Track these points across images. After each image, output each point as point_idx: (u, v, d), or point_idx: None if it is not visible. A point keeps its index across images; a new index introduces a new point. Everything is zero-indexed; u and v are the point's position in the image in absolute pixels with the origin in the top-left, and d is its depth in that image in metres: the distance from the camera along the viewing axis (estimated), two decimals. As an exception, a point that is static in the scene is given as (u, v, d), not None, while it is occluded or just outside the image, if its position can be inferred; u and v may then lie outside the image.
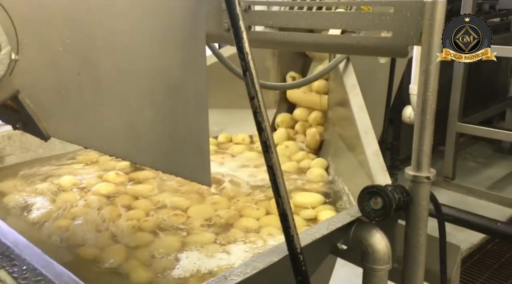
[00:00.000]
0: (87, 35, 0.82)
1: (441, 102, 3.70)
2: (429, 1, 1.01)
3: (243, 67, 0.95)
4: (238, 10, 0.94)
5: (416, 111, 1.07)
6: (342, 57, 1.60)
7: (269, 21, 1.27)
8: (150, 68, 0.91)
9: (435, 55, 1.05)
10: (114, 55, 0.86)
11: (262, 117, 0.94)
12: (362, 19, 1.14)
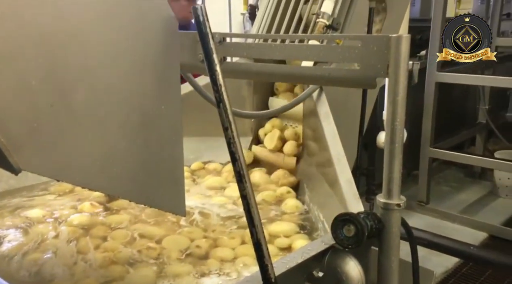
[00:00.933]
0: (62, 67, 0.83)
1: (415, 127, 3.82)
2: (394, 36, 1.06)
3: (216, 99, 0.98)
4: (212, 43, 0.97)
5: (385, 140, 1.11)
6: (315, 86, 1.65)
7: (244, 53, 1.31)
8: (125, 99, 0.92)
9: (402, 87, 1.09)
10: (89, 86, 0.87)
11: (235, 147, 0.96)
12: (332, 52, 1.18)
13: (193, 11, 0.97)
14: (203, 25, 0.96)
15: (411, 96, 4.11)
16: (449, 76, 3.60)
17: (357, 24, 1.93)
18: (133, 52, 0.97)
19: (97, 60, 0.90)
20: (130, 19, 0.96)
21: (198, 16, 0.97)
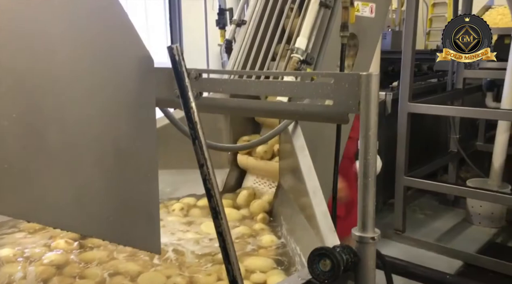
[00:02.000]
0: (36, 108, 0.83)
1: (390, 156, 3.90)
2: (364, 74, 1.10)
3: (192, 136, 0.99)
4: (187, 82, 0.99)
5: (359, 175, 1.13)
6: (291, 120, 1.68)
7: (219, 88, 1.33)
8: (99, 137, 0.93)
9: (373, 122, 1.12)
10: (63, 125, 0.87)
11: (211, 184, 0.97)
12: (306, 88, 1.22)
13: (168, 51, 1.00)
14: (179, 64, 0.99)
15: (385, 126, 4.23)
16: (420, 107, 3.71)
17: (330, 59, 1.99)
18: (108, 90, 0.98)
19: (72, 100, 0.90)
20: (106, 58, 0.98)
21: (173, 56, 0.99)
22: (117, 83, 1.00)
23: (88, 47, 0.95)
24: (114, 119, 0.97)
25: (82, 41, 0.93)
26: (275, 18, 2.05)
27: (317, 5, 1.87)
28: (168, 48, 0.98)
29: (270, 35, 2.03)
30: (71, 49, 0.91)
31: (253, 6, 2.14)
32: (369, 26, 2.24)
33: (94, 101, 0.94)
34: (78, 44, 0.93)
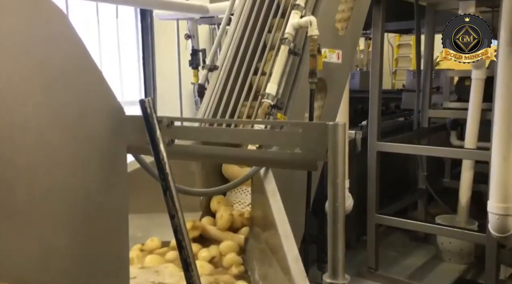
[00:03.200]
0: (4, 159, 0.83)
1: (361, 193, 3.96)
2: (331, 124, 1.15)
3: (163, 187, 1.00)
4: (159, 134, 1.01)
5: (328, 222, 1.16)
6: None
7: (191, 136, 1.35)
8: (68, 192, 0.92)
9: (341, 170, 1.16)
10: (30, 182, 0.87)
11: (182, 235, 0.97)
12: (275, 137, 1.25)
13: (140, 104, 1.02)
14: (150, 117, 1.01)
15: (356, 164, 4.29)
16: (388, 146, 3.82)
17: (300, 103, 2.06)
18: (79, 143, 0.98)
19: (41, 152, 0.90)
20: (76, 110, 0.99)
21: (145, 109, 1.01)
22: (88, 135, 1.01)
23: (59, 99, 0.96)
24: (84, 171, 0.97)
25: (52, 94, 0.94)
26: (246, 63, 2.12)
27: (286, 52, 1.95)
28: (140, 101, 1.00)
29: (242, 80, 2.08)
30: (41, 101, 0.92)
31: (225, 52, 2.21)
32: (336, 71, 2.33)
33: (64, 153, 0.94)
34: (49, 96, 0.94)
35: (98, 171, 1.00)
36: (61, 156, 0.94)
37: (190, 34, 5.32)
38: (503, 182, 2.79)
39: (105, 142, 1.05)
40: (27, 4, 0.86)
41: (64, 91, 0.96)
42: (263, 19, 2.18)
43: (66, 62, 0.97)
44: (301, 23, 1.93)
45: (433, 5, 4.51)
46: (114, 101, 1.07)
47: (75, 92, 0.99)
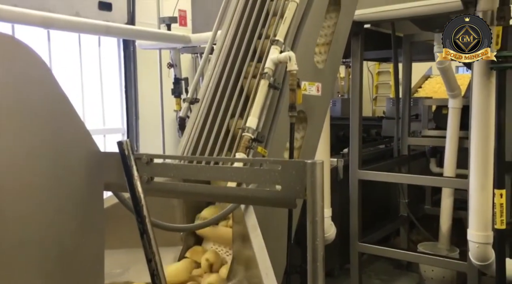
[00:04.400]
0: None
1: (344, 221, 3.96)
2: (309, 162, 1.16)
3: (140, 230, 0.99)
4: (136, 176, 1.01)
5: (308, 260, 1.15)
6: (243, 198, 1.70)
7: (171, 173, 1.34)
8: (42, 237, 0.90)
9: (320, 208, 1.16)
10: (3, 227, 0.85)
11: (159, 279, 0.95)
12: (255, 174, 1.25)
13: (118, 146, 1.02)
14: (128, 158, 1.00)
15: (338, 191, 4.31)
16: (370, 174, 3.86)
17: (280, 136, 2.07)
18: (53, 187, 0.97)
19: (14, 199, 0.88)
20: (51, 153, 0.98)
21: (123, 151, 1.01)
22: (63, 178, 1.00)
23: (34, 142, 0.95)
24: (60, 214, 0.96)
25: (28, 136, 0.93)
26: (227, 97, 2.14)
27: (267, 86, 1.98)
28: (118, 143, 1.00)
29: (222, 114, 2.10)
30: (16, 144, 0.91)
31: (206, 84, 2.23)
32: (316, 103, 2.36)
33: (39, 197, 0.93)
34: (24, 138, 0.93)
35: (73, 213, 0.98)
36: (36, 199, 0.92)
37: (173, 63, 5.36)
38: (482, 211, 2.83)
39: (81, 184, 1.04)
40: (6, 50, 0.86)
41: (40, 133, 0.96)
42: (244, 51, 2.21)
43: (44, 105, 0.96)
44: (280, 58, 1.97)
45: (409, 36, 4.66)
46: (90, 141, 1.07)
47: (51, 134, 0.98)
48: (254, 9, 2.24)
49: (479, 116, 2.81)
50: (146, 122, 6.99)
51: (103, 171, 1.16)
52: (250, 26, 2.22)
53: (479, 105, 2.81)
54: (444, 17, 3.53)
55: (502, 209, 2.69)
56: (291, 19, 2.08)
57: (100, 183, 1.12)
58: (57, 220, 0.95)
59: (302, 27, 2.18)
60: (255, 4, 2.25)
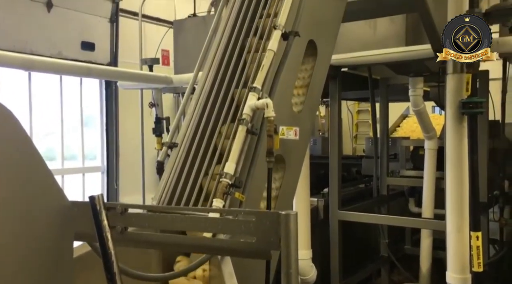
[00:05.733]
0: None
1: (325, 261, 3.93)
2: (283, 214, 1.17)
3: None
4: (107, 231, 1.00)
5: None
6: (219, 245, 1.68)
7: (145, 223, 1.33)
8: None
9: (294, 260, 1.16)
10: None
11: None
12: (229, 225, 1.26)
13: (90, 200, 1.01)
14: (100, 214, 1.00)
15: (319, 231, 4.29)
16: (350, 215, 3.87)
17: (258, 181, 2.08)
18: (21, 241, 0.96)
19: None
20: (19, 207, 0.97)
21: (94, 205, 1.00)
22: (32, 232, 0.99)
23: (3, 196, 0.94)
24: (27, 264, 0.94)
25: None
26: (206, 140, 2.16)
27: (244, 132, 2.00)
28: (90, 198, 1.00)
29: (201, 157, 2.11)
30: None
31: (185, 129, 2.25)
32: (294, 147, 2.39)
33: (6, 253, 0.92)
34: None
35: (41, 263, 0.97)
36: (3, 251, 0.91)
37: (154, 102, 5.39)
38: (459, 253, 2.86)
39: (49, 234, 1.03)
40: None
41: (9, 185, 0.95)
42: (222, 97, 2.25)
43: (13, 158, 0.97)
44: (258, 105, 2.00)
45: (385, 79, 4.81)
46: (58, 192, 1.06)
47: (19, 187, 0.98)
48: (233, 57, 2.30)
49: (453, 160, 2.88)
50: (126, 161, 6.94)
51: (73, 221, 1.15)
52: (228, 73, 2.27)
53: (453, 149, 2.88)
54: (417, 63, 3.69)
55: (478, 252, 2.72)
56: (268, 66, 2.14)
57: (70, 233, 1.11)
58: (25, 269, 0.93)
59: (280, 74, 2.23)
60: (234, 51, 2.32)
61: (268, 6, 2.40)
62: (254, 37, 2.32)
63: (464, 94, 2.83)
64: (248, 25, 2.36)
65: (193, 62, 3.55)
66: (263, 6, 2.40)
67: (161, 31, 7.24)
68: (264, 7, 2.40)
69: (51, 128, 6.47)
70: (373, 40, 3.72)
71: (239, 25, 2.37)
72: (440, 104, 4.35)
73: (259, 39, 2.31)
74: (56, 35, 5.79)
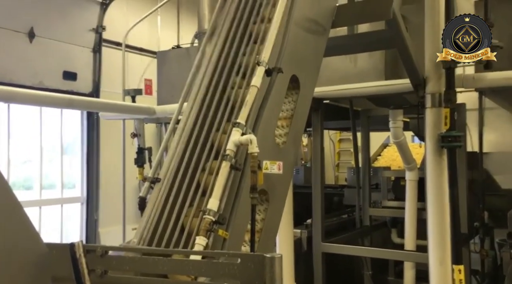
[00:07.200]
0: None
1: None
2: (268, 256, 1.16)
3: None
4: (87, 280, 0.97)
5: None
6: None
7: (126, 267, 1.30)
8: None
9: (278, 304, 1.15)
10: None
11: None
12: (213, 268, 1.24)
13: (70, 248, 0.99)
14: (79, 262, 0.97)
15: (302, 263, 4.25)
16: (333, 247, 3.85)
17: (242, 217, 2.06)
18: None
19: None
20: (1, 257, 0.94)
21: (74, 253, 0.98)
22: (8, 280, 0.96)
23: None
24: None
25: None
26: (189, 175, 2.14)
27: (228, 167, 2.00)
28: (70, 245, 0.97)
29: (184, 193, 2.08)
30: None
31: (168, 164, 2.23)
32: (278, 181, 2.39)
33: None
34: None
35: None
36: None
37: (136, 132, 5.36)
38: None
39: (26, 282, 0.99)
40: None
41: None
42: (206, 133, 2.25)
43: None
44: (241, 141, 2.01)
45: (366, 110, 4.90)
46: (36, 238, 1.04)
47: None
48: (216, 93, 2.31)
49: (434, 193, 2.92)
50: (107, 191, 6.82)
51: (50, 265, 1.12)
52: (212, 109, 2.28)
53: (433, 182, 2.92)
54: (397, 96, 3.77)
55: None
56: (252, 102, 2.16)
57: (47, 277, 1.07)
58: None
59: (263, 109, 2.25)
60: (217, 88, 2.33)
61: (251, 42, 2.45)
62: (237, 75, 2.35)
63: (443, 128, 2.89)
64: (231, 62, 2.39)
65: (176, 92, 3.56)
66: (246, 43, 2.44)
67: (144, 61, 7.29)
68: (247, 44, 2.44)
69: (28, 155, 6.34)
70: (354, 73, 3.81)
71: (222, 62, 2.39)
72: (420, 135, 4.44)
73: (242, 76, 2.34)
74: (37, 64, 5.76)
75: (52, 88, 5.71)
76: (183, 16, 6.71)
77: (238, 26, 2.52)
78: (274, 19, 2.29)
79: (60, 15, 6.06)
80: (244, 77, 2.34)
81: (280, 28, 2.31)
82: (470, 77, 3.22)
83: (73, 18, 6.29)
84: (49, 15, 5.90)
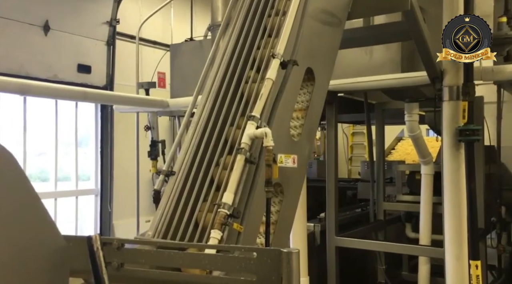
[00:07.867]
0: None
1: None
2: (285, 251, 1.14)
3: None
4: (104, 273, 0.97)
5: None
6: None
7: (142, 260, 1.30)
8: None
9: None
10: None
11: None
12: (229, 262, 1.23)
13: (87, 240, 0.98)
14: (97, 255, 0.97)
15: (316, 257, 4.23)
16: (347, 241, 3.83)
17: (257, 211, 2.05)
18: (14, 276, 0.93)
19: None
20: (14, 246, 0.94)
21: (92, 246, 0.97)
22: (25, 268, 0.96)
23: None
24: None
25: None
26: (203, 169, 2.13)
27: (243, 161, 1.98)
28: (87, 238, 0.97)
29: (199, 187, 2.08)
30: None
31: (183, 157, 2.22)
32: (292, 175, 2.37)
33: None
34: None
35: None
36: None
37: (150, 125, 5.37)
38: (459, 282, 2.82)
39: (45, 275, 0.99)
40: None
41: (3, 225, 0.93)
42: (220, 127, 2.24)
43: (9, 199, 0.94)
44: (256, 134, 1.99)
45: (381, 104, 4.84)
46: (55, 231, 1.03)
47: (15, 227, 0.95)
48: (231, 86, 2.30)
49: (451, 187, 2.87)
50: (120, 183, 6.88)
51: (68, 258, 1.12)
52: (226, 102, 2.26)
53: (451, 176, 2.88)
54: (413, 89, 3.71)
55: (478, 281, 2.68)
56: (267, 95, 2.14)
57: (66, 270, 1.07)
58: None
59: (278, 102, 2.23)
60: (232, 81, 2.31)
61: (266, 36, 2.42)
62: (251, 69, 2.33)
63: (460, 121, 2.84)
64: (246, 55, 2.37)
65: (189, 85, 3.55)
66: (261, 36, 2.42)
67: (157, 53, 7.29)
68: (262, 37, 2.41)
69: (44, 148, 6.42)
70: (369, 66, 3.75)
71: (236, 55, 2.37)
72: (436, 129, 4.37)
73: (256, 70, 2.32)
74: (52, 58, 5.80)
75: (67, 81, 5.74)
76: (196, 8, 6.69)
77: (253, 19, 2.49)
78: (289, 12, 2.26)
79: (75, 8, 6.09)
80: (259, 71, 2.32)
81: (295, 21, 2.28)
82: (489, 69, 3.15)
83: (87, 11, 6.31)
84: (63, 9, 5.94)
